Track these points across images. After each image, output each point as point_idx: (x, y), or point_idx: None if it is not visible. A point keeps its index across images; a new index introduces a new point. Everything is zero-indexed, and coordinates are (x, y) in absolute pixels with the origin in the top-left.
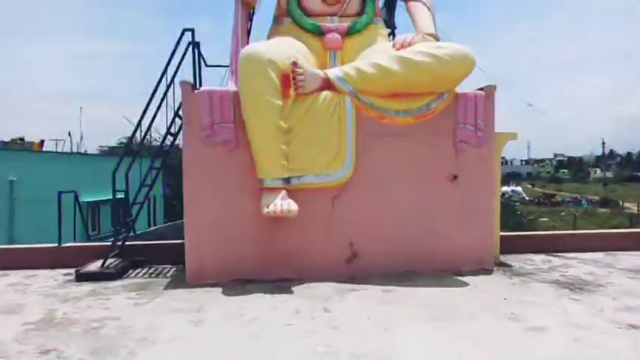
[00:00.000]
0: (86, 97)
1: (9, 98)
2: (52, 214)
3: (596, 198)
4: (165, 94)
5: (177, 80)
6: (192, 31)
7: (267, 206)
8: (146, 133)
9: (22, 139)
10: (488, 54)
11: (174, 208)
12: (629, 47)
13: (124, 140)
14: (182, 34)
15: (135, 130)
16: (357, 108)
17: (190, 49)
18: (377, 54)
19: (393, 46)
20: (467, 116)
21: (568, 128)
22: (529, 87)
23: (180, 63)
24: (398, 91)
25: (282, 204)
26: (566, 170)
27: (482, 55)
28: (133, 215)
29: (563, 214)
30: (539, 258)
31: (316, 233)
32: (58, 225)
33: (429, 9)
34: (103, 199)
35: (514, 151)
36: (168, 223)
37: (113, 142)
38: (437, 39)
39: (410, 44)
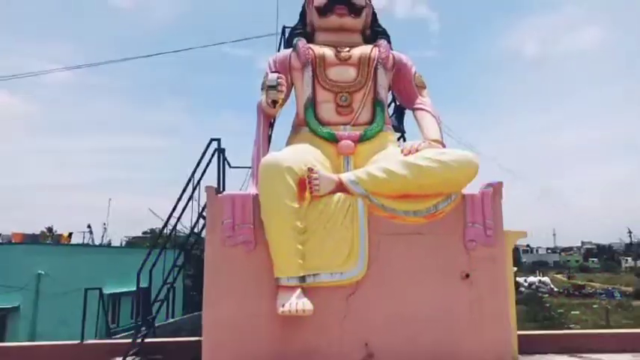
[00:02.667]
0: (112, 189)
1: (38, 192)
2: (74, 306)
3: (630, 289)
4: (191, 195)
5: (202, 183)
6: (219, 140)
7: (283, 305)
8: (172, 231)
9: (50, 229)
10: (500, 142)
11: (193, 299)
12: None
13: (149, 231)
14: (210, 143)
15: (163, 227)
16: (369, 208)
17: (217, 155)
18: (387, 159)
19: (402, 151)
20: (475, 216)
21: (592, 216)
22: (550, 175)
23: (205, 169)
24: (407, 193)
25: (297, 303)
26: (595, 259)
27: (495, 144)
28: (153, 312)
29: (595, 306)
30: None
31: (331, 333)
32: (82, 321)
33: (434, 116)
34: (124, 290)
35: (539, 239)
36: (187, 315)
37: (137, 232)
38: (443, 145)
39: (417, 150)
